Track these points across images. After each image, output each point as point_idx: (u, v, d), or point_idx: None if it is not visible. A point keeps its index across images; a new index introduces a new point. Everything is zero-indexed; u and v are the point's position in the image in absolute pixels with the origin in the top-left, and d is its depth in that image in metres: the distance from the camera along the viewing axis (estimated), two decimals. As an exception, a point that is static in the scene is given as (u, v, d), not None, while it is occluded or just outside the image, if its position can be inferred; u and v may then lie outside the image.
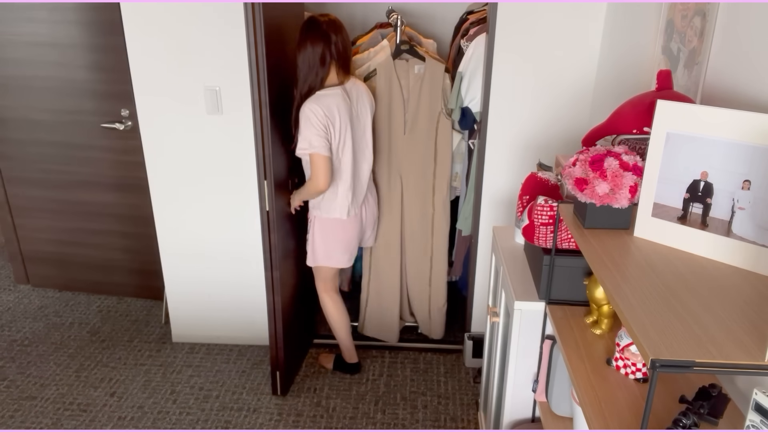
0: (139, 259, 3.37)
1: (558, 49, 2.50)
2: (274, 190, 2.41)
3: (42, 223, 3.42)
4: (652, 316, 1.04)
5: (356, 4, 3.51)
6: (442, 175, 2.85)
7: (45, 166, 3.27)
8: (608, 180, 1.33)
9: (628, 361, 1.38)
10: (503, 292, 2.01)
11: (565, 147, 2.65)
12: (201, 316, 3.08)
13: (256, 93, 2.28)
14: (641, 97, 1.54)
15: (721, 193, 1.20)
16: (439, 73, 2.72)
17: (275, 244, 2.49)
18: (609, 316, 1.56)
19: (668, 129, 1.25)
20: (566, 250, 1.70)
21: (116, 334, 3.17)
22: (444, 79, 2.74)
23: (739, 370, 0.94)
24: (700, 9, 1.64)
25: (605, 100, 2.41)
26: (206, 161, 2.79)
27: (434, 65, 2.72)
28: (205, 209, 2.88)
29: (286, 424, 2.59)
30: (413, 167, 2.83)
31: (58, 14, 2.94)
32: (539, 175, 1.96)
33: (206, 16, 2.55)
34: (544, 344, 1.78)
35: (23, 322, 3.27)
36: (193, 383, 2.83)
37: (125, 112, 3.06)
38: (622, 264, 1.23)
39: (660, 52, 1.90)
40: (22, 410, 2.64)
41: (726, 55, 1.50)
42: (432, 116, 2.77)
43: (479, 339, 2.90)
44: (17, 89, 3.14)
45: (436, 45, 3.00)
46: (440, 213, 2.91)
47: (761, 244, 1.16)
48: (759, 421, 0.98)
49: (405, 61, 2.72)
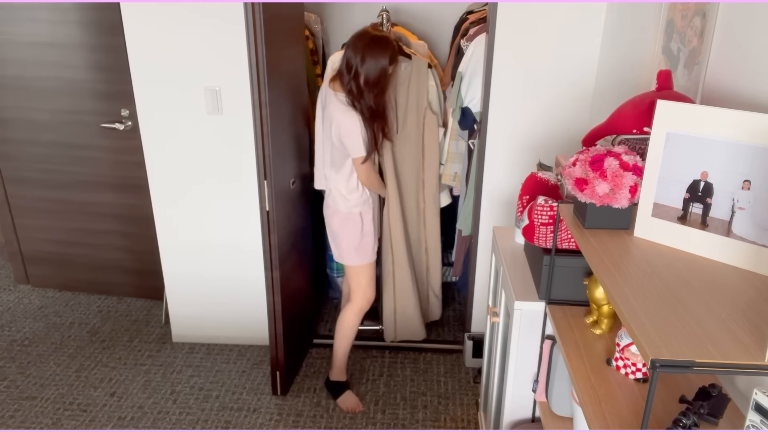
0: (139, 259, 3.37)
1: (558, 49, 2.50)
2: (274, 190, 2.41)
3: (42, 223, 3.42)
4: (652, 316, 1.04)
5: (356, 4, 3.51)
6: (430, 168, 2.90)
7: (45, 166, 3.27)
8: (608, 180, 1.33)
9: (628, 361, 1.38)
10: (503, 292, 2.01)
11: (565, 147, 2.65)
12: (201, 316, 3.08)
13: (256, 93, 2.28)
14: (641, 97, 1.54)
15: (721, 193, 1.20)
16: (424, 69, 2.77)
17: (275, 244, 2.49)
18: (609, 316, 1.56)
19: (668, 129, 1.25)
20: (566, 250, 1.70)
21: (116, 334, 3.17)
22: (428, 74, 2.79)
23: (739, 370, 0.94)
24: (700, 9, 1.64)
25: (605, 100, 2.41)
26: (206, 161, 2.79)
27: (419, 62, 2.76)
28: (205, 209, 2.88)
29: (286, 424, 2.59)
30: (405, 164, 2.87)
31: (58, 14, 2.94)
32: (539, 175, 1.96)
33: (206, 16, 2.55)
34: (544, 344, 1.78)
35: (23, 322, 3.27)
36: (193, 383, 2.82)
37: (125, 112, 3.06)
38: (622, 264, 1.23)
39: (660, 52, 1.90)
40: (22, 410, 2.64)
41: (726, 55, 1.50)
42: (419, 112, 2.81)
43: (479, 339, 2.90)
44: (17, 89, 3.14)
45: (427, 46, 2.99)
46: (430, 206, 2.96)
47: (761, 244, 1.16)
48: (759, 421, 0.98)
49: None
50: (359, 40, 2.37)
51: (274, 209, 2.44)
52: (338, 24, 3.57)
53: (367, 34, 2.38)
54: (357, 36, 2.39)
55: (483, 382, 2.43)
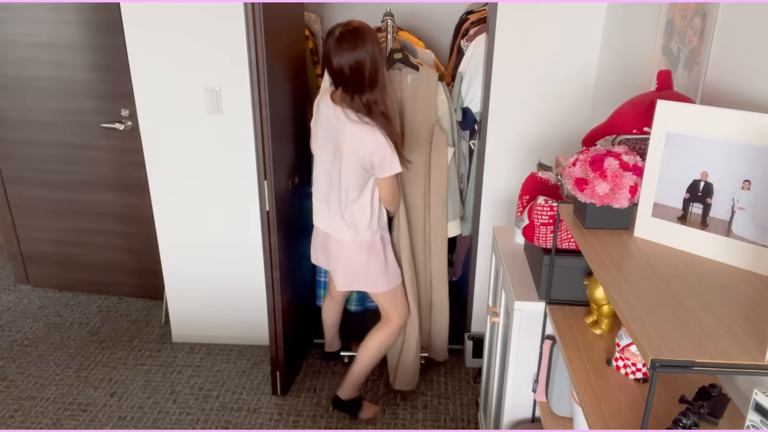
0: (139, 259, 3.37)
1: (558, 49, 2.50)
2: (274, 190, 2.42)
3: (42, 223, 3.42)
4: (652, 316, 1.04)
5: (356, 4, 3.51)
6: (436, 192, 2.65)
7: (45, 166, 3.27)
8: (608, 180, 1.33)
9: (628, 361, 1.38)
10: (503, 292, 2.01)
11: (565, 147, 2.65)
12: (201, 316, 3.08)
13: (256, 93, 2.28)
14: (641, 97, 1.54)
15: (721, 193, 1.20)
16: (433, 81, 2.55)
17: (275, 244, 2.49)
18: (609, 316, 1.56)
19: (668, 129, 1.25)
20: (566, 250, 1.70)
21: (116, 334, 3.17)
22: (438, 87, 2.58)
23: (739, 370, 0.94)
24: (700, 9, 1.64)
25: (605, 100, 2.41)
26: (206, 161, 2.79)
27: (428, 74, 2.55)
28: (205, 209, 2.88)
29: (286, 424, 2.59)
30: (410, 186, 2.63)
31: (58, 14, 2.94)
32: (539, 175, 1.96)
33: (206, 15, 2.55)
34: (544, 344, 1.78)
35: (23, 322, 3.27)
36: (193, 383, 2.82)
37: (125, 112, 3.06)
38: (622, 264, 1.23)
39: (660, 52, 1.90)
40: (22, 410, 2.64)
41: (726, 55, 1.50)
42: (427, 129, 2.59)
43: (479, 339, 2.90)
44: (17, 89, 3.14)
45: (434, 56, 2.81)
46: (437, 234, 2.70)
47: (761, 244, 1.16)
48: (759, 421, 0.98)
49: (398, 70, 2.55)
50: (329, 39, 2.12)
51: (274, 209, 2.44)
52: (338, 24, 3.57)
53: (333, 32, 2.13)
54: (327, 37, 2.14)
55: (483, 382, 2.43)
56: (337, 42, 2.10)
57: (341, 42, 2.09)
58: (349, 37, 2.10)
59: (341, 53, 2.09)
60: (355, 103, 2.15)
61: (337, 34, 2.11)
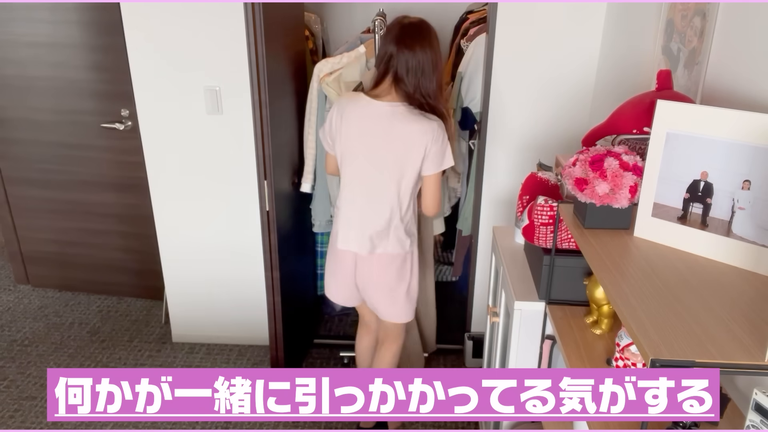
0: (139, 259, 3.37)
1: (558, 49, 2.50)
2: (274, 190, 2.42)
3: (42, 223, 3.42)
4: (652, 316, 1.04)
5: (356, 4, 3.51)
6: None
7: (45, 166, 3.27)
8: (608, 180, 1.33)
9: (628, 361, 1.38)
10: (503, 292, 2.01)
11: (565, 147, 2.65)
12: (201, 316, 3.08)
13: (256, 93, 2.29)
14: (641, 97, 1.54)
15: (721, 193, 1.20)
16: None
17: (275, 244, 2.49)
18: (609, 316, 1.56)
19: (668, 129, 1.25)
20: (566, 250, 1.70)
21: (116, 334, 3.17)
22: None
23: (739, 370, 0.94)
24: (700, 9, 1.64)
25: (605, 100, 2.41)
26: (206, 161, 2.79)
27: None
28: (205, 209, 2.88)
29: (286, 424, 2.59)
30: None
31: (58, 14, 2.94)
32: (539, 175, 1.96)
33: (206, 16, 2.55)
34: (544, 344, 1.78)
35: (23, 322, 3.27)
36: (193, 383, 2.82)
37: (125, 112, 3.06)
38: (622, 264, 1.23)
39: (660, 52, 1.90)
40: (22, 410, 2.64)
41: (726, 55, 1.50)
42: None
43: (479, 339, 2.90)
44: (17, 89, 3.14)
45: None
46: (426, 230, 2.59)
47: (761, 244, 1.16)
48: (759, 421, 0.98)
49: None
50: (393, 34, 2.01)
51: (274, 209, 2.44)
52: (338, 24, 3.57)
53: (397, 24, 2.03)
54: (393, 31, 2.02)
55: (483, 382, 2.43)
56: (410, 37, 2.00)
57: (414, 38, 2.00)
58: (424, 34, 2.02)
59: (413, 51, 1.99)
60: (415, 99, 2.02)
61: (408, 30, 2.01)
